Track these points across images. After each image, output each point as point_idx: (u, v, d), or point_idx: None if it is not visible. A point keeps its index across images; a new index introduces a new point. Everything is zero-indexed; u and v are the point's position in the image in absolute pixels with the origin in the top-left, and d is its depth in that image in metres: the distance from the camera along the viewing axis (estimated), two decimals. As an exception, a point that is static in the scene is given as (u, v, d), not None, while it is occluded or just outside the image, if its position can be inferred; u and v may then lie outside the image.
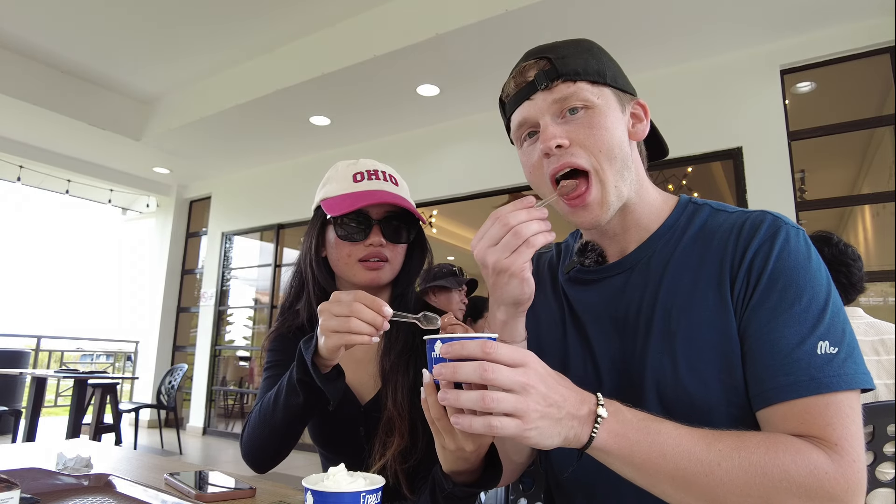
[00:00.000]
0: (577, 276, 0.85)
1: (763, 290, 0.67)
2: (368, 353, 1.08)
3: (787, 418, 0.62)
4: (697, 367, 0.69)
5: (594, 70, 0.74)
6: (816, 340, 0.63)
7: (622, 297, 0.78)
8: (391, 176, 1.07)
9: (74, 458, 1.00)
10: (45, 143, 6.33)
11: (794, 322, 0.64)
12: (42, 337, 8.11)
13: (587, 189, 0.73)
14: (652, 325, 0.73)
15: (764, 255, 0.68)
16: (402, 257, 1.06)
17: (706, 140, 4.01)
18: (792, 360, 0.63)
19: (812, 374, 0.62)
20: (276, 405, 0.93)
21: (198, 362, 7.05)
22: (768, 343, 0.65)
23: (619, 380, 0.75)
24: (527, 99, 0.75)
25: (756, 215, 0.73)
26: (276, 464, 1.03)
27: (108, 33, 4.69)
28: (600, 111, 0.73)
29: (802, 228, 0.72)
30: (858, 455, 0.59)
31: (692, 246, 0.75)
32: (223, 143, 6.13)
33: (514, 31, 3.73)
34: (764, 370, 0.64)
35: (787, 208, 3.66)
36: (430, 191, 5.38)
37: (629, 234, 0.80)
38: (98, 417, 4.77)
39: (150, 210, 8.25)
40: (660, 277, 0.75)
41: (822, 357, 0.62)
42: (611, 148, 0.73)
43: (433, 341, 0.65)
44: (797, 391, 0.61)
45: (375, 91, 4.76)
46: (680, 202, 0.81)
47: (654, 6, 3.52)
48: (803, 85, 4.00)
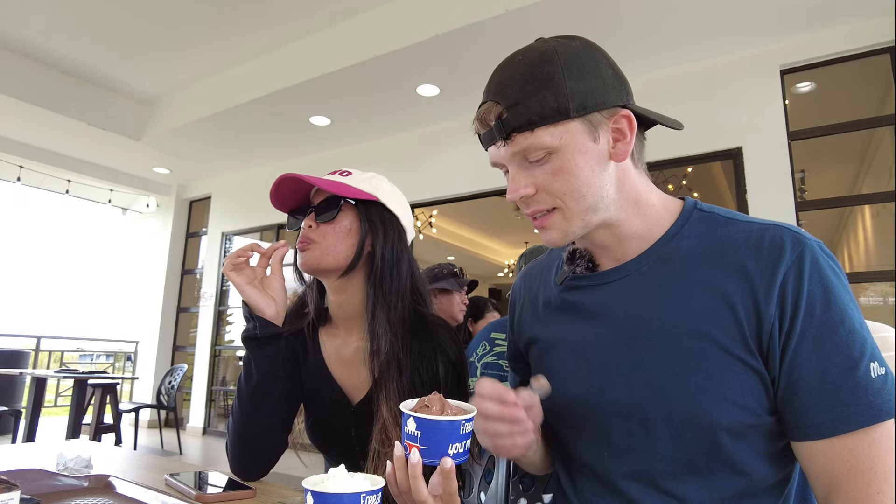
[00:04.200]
0: (571, 283, 0.82)
1: (804, 319, 0.63)
2: (357, 355, 1.06)
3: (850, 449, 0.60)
4: (707, 387, 0.66)
5: (551, 109, 0.68)
6: (868, 362, 0.61)
7: (621, 305, 0.75)
8: (345, 171, 1.07)
9: (74, 458, 1.00)
10: (45, 143, 6.33)
11: (843, 347, 0.62)
12: (42, 337, 8.10)
13: (549, 216, 0.73)
14: (656, 338, 0.70)
15: (796, 280, 0.64)
16: (335, 239, 1.01)
17: (706, 140, 4.01)
18: (847, 388, 0.61)
19: (870, 400, 0.60)
20: (239, 394, 0.99)
21: (198, 362, 7.05)
22: (819, 373, 0.62)
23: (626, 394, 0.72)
24: (491, 144, 0.74)
25: (774, 231, 0.68)
26: (265, 470, 1.02)
27: (108, 33, 4.69)
28: (563, 153, 0.69)
29: (821, 241, 0.68)
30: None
31: (703, 259, 0.71)
32: (223, 143, 6.13)
33: (514, 31, 3.73)
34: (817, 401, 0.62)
35: (787, 208, 3.66)
36: (430, 191, 5.38)
37: (625, 244, 0.77)
38: (98, 417, 4.77)
39: (150, 210, 8.25)
40: (664, 288, 0.72)
41: (877, 380, 0.60)
42: (575, 190, 0.70)
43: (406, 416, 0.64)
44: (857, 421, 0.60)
45: (375, 91, 4.75)
46: (685, 208, 0.77)
47: (654, 6, 3.52)
48: (803, 85, 3.99)
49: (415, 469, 0.64)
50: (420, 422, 0.64)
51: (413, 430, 0.64)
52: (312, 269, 1.02)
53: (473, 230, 9.57)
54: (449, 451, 0.63)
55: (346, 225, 1.02)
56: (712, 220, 0.74)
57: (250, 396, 0.97)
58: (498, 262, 11.07)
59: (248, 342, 0.96)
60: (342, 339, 1.10)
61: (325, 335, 1.13)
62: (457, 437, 0.64)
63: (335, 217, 1.02)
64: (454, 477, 0.64)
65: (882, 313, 3.86)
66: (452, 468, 0.63)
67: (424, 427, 0.64)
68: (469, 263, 10.54)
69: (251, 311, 0.96)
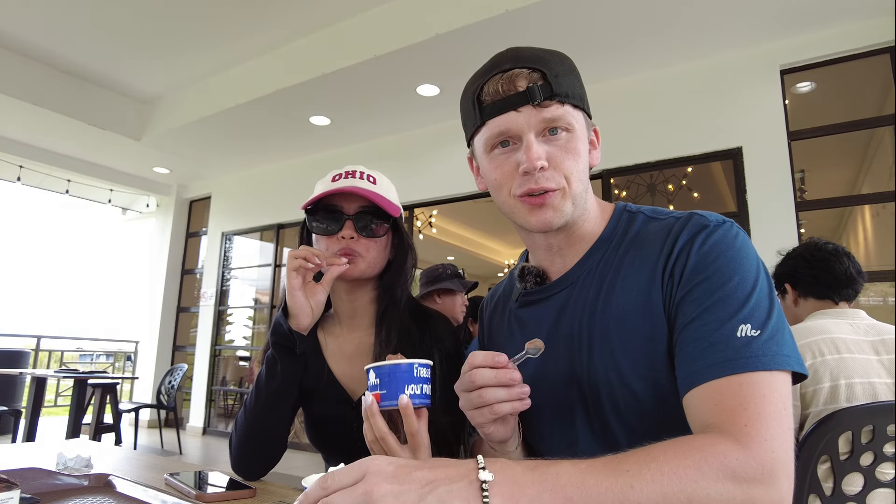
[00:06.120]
0: (524, 299, 0.86)
1: (686, 285, 0.68)
2: (360, 350, 1.09)
3: (702, 401, 0.61)
4: (642, 374, 0.69)
5: (577, 94, 0.75)
6: (738, 324, 0.62)
7: (566, 313, 0.79)
8: (369, 175, 1.08)
9: (74, 458, 1.00)
10: (45, 143, 6.33)
11: (717, 309, 0.64)
12: (42, 337, 8.11)
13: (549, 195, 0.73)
14: (594, 339, 0.74)
15: (686, 252, 0.69)
16: (377, 253, 1.06)
17: (706, 140, 4.01)
18: (709, 343, 0.63)
19: (729, 355, 0.61)
20: (258, 393, 0.99)
21: (198, 362, 7.05)
22: (690, 331, 0.65)
23: (581, 397, 0.75)
24: (513, 109, 0.72)
25: (684, 217, 0.74)
26: (266, 470, 1.03)
27: (108, 33, 4.69)
28: (577, 136, 0.74)
29: (732, 221, 0.73)
30: (772, 434, 0.56)
31: (625, 255, 0.76)
32: (223, 143, 6.13)
33: (514, 31, 3.73)
34: (685, 357, 0.65)
35: (787, 208, 3.66)
36: (430, 191, 5.38)
37: (573, 248, 0.81)
38: (98, 417, 4.77)
39: (150, 210, 8.25)
40: (598, 290, 0.76)
41: (741, 339, 0.62)
42: (579, 172, 0.74)
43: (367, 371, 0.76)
44: (712, 373, 0.61)
45: (375, 91, 4.76)
46: (616, 211, 0.82)
47: (654, 6, 3.52)
48: (803, 85, 4.00)
49: (371, 408, 0.74)
50: (378, 371, 0.74)
51: (374, 381, 0.75)
52: (355, 279, 1.05)
53: (473, 230, 9.56)
54: (406, 391, 0.73)
55: (385, 239, 1.09)
56: (639, 219, 0.79)
57: (269, 397, 0.98)
58: (498, 262, 11.07)
59: (279, 347, 0.98)
60: (343, 336, 1.12)
61: (323, 333, 1.14)
62: (412, 378, 0.74)
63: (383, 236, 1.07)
64: (413, 415, 0.73)
65: (882, 313, 3.86)
66: (409, 405, 0.73)
67: (381, 374, 0.74)
68: (469, 263, 10.55)
69: (287, 318, 0.97)
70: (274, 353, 0.98)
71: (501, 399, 0.67)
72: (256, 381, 1.01)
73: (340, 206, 1.05)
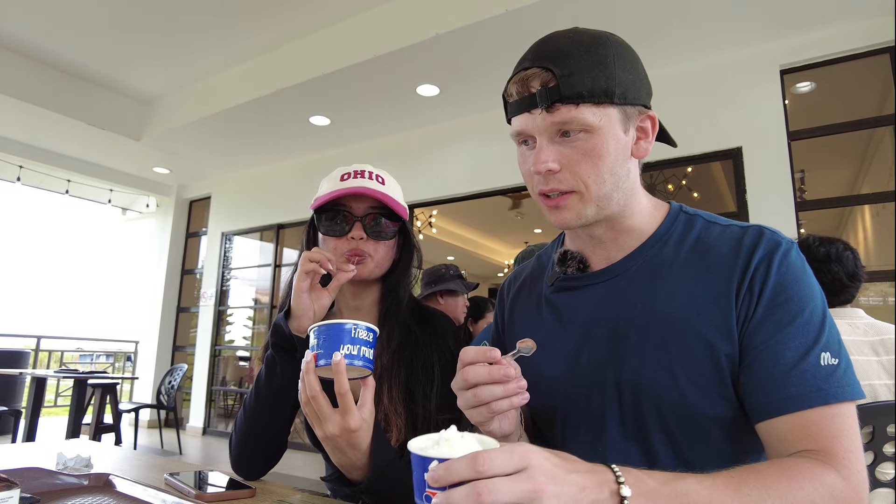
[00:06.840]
0: (562, 284, 0.83)
1: (767, 305, 0.67)
2: None
3: (794, 430, 0.63)
4: (697, 381, 0.68)
5: (601, 90, 0.70)
6: (820, 352, 0.64)
7: (612, 304, 0.77)
8: (378, 175, 1.08)
9: (74, 457, 1.00)
10: (45, 143, 6.33)
11: (798, 335, 0.65)
12: (42, 337, 8.11)
13: (566, 197, 0.73)
14: (647, 336, 0.72)
15: (765, 270, 0.69)
16: (385, 254, 1.07)
17: (706, 140, 4.01)
18: (798, 371, 0.64)
19: (819, 384, 0.63)
20: (258, 393, 0.98)
21: (198, 362, 7.05)
22: (773, 355, 0.65)
23: (617, 392, 0.73)
24: (527, 111, 0.72)
25: (753, 230, 0.73)
26: (266, 470, 1.03)
27: (108, 33, 4.69)
28: (599, 135, 0.71)
29: (795, 242, 0.73)
30: (863, 466, 0.60)
31: (688, 258, 0.75)
32: (223, 143, 6.13)
33: (514, 31, 3.73)
34: (769, 382, 0.65)
35: (786, 208, 3.66)
36: (430, 191, 5.38)
37: (618, 241, 0.79)
38: (98, 417, 4.77)
39: (149, 210, 8.25)
40: (652, 287, 0.74)
41: (826, 368, 0.64)
42: (600, 174, 0.72)
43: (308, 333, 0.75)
44: (805, 402, 0.62)
45: (375, 91, 4.75)
46: (671, 211, 0.81)
47: (654, 6, 3.52)
48: (803, 85, 4.00)
49: (307, 366, 0.76)
50: (317, 331, 0.75)
51: (313, 341, 0.76)
52: (362, 279, 1.06)
53: (473, 230, 9.57)
54: (341, 349, 0.73)
55: (393, 240, 1.09)
56: (698, 223, 0.78)
57: (269, 398, 0.98)
58: (498, 262, 11.07)
59: (279, 349, 0.97)
60: None
61: None
62: (350, 339, 0.74)
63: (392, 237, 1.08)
64: (343, 373, 0.73)
65: (882, 313, 3.86)
66: (341, 362, 0.73)
67: (320, 334, 0.75)
68: (469, 263, 10.55)
69: (288, 320, 0.97)
70: (273, 353, 0.98)
71: (497, 396, 0.65)
72: (256, 381, 1.00)
73: (349, 207, 1.05)
